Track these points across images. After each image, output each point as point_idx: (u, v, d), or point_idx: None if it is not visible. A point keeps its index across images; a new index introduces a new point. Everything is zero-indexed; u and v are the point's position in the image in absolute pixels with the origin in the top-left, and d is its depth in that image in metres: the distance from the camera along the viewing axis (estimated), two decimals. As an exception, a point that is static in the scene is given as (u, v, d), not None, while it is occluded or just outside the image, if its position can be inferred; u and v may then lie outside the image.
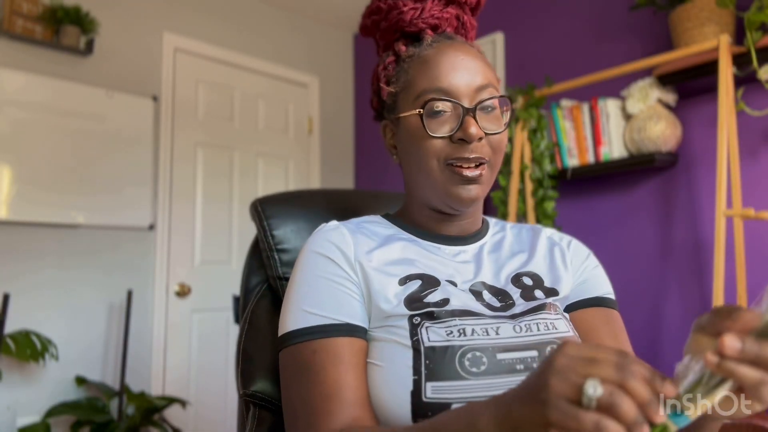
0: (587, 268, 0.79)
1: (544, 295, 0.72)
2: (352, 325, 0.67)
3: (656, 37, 2.04)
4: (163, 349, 2.58)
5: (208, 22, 2.86)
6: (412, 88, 0.73)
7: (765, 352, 0.40)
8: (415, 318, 0.65)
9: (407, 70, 0.74)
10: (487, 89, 0.71)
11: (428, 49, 0.73)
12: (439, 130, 0.69)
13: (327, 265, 0.70)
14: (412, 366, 0.61)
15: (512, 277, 0.74)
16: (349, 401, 0.62)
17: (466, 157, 0.69)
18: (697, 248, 1.89)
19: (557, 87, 2.08)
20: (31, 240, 2.25)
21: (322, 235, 0.74)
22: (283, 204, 0.95)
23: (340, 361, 0.64)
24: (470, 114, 0.68)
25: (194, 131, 2.77)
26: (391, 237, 0.77)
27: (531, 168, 2.20)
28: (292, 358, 0.66)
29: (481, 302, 0.69)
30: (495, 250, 0.80)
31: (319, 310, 0.67)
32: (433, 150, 0.70)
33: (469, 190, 0.70)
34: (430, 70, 0.71)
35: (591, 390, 0.39)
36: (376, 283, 0.68)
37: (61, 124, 2.33)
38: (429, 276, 0.71)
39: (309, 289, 0.69)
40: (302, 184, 3.16)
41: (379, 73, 0.80)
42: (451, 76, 0.70)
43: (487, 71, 0.72)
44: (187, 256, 2.69)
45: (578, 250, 0.82)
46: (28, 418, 2.16)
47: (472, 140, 0.68)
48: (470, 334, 0.63)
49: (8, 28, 2.19)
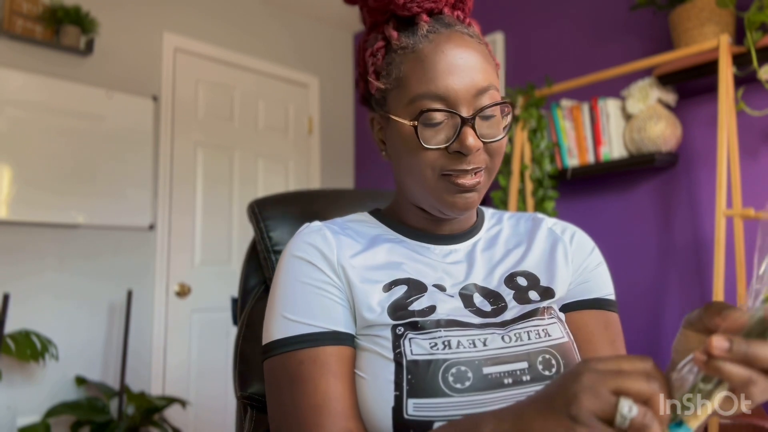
0: (589, 267, 0.75)
1: (539, 297, 0.69)
2: (338, 332, 0.64)
3: (656, 37, 2.04)
4: (163, 349, 2.58)
5: (208, 22, 2.86)
6: (404, 88, 0.66)
7: (753, 351, 0.40)
8: (399, 328, 0.62)
9: (399, 64, 0.67)
10: (488, 92, 0.65)
11: (423, 41, 0.65)
12: (433, 139, 0.64)
13: (309, 270, 0.67)
14: (393, 381, 0.59)
15: (506, 278, 0.71)
16: (338, 413, 0.59)
17: (463, 169, 0.64)
18: (697, 248, 1.89)
19: (557, 87, 2.08)
20: (31, 240, 2.25)
21: (302, 237, 0.70)
22: (280, 205, 0.95)
23: (328, 371, 0.61)
24: (468, 124, 0.63)
25: (194, 131, 2.77)
26: (378, 238, 0.74)
27: (531, 168, 2.20)
28: (278, 368, 0.63)
29: (470, 308, 0.66)
30: (489, 247, 0.75)
31: (303, 318, 0.64)
32: (428, 161, 0.64)
33: (465, 198, 0.66)
34: (426, 71, 0.64)
35: (626, 410, 0.39)
36: (359, 290, 0.65)
37: (61, 124, 2.33)
38: (415, 281, 0.68)
39: (292, 296, 0.66)
40: (302, 184, 3.16)
41: (367, 60, 0.71)
42: (449, 79, 0.63)
43: (487, 68, 0.66)
44: (187, 256, 2.69)
45: (581, 245, 0.76)
46: (28, 418, 2.17)
47: (470, 152, 0.63)
48: (455, 347, 0.60)
49: (8, 28, 2.19)
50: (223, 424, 2.71)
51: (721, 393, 0.42)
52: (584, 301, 0.73)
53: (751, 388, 0.41)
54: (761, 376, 0.40)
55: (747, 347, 0.40)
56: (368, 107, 0.76)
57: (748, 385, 0.41)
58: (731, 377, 0.40)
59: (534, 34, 2.46)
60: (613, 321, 0.74)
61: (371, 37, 0.73)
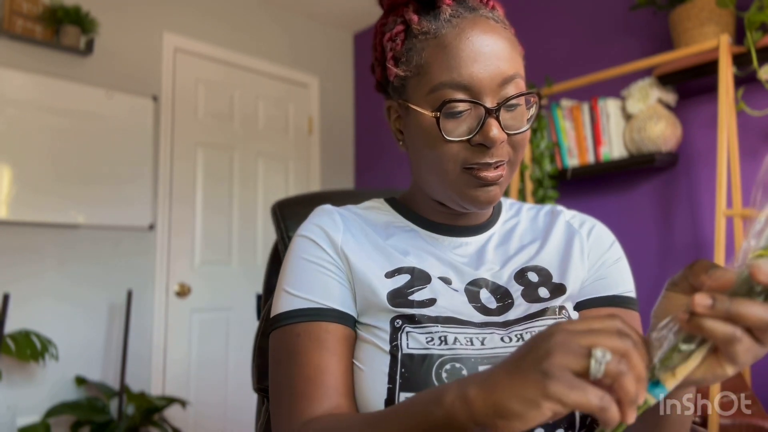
0: (607, 262, 0.71)
1: (549, 294, 0.66)
2: (337, 311, 0.64)
3: (656, 37, 2.04)
4: (163, 349, 2.58)
5: (208, 22, 2.86)
6: (425, 76, 0.62)
7: (736, 308, 0.38)
8: (397, 321, 0.62)
9: (420, 51, 0.63)
10: (513, 81, 0.61)
11: (446, 26, 0.62)
12: (456, 131, 0.61)
13: (312, 248, 0.67)
14: (387, 373, 0.59)
15: (516, 273, 0.68)
16: (330, 387, 0.59)
17: (486, 162, 0.62)
18: (697, 248, 1.89)
19: (557, 87, 2.08)
20: (31, 240, 2.25)
21: (312, 219, 0.72)
22: (301, 206, 0.96)
23: (324, 346, 0.61)
24: (493, 115, 0.60)
25: (194, 131, 2.77)
26: (388, 225, 0.73)
27: (531, 168, 2.20)
28: (278, 341, 0.64)
29: (474, 304, 0.64)
30: (503, 242, 0.73)
31: (304, 293, 0.64)
32: (450, 154, 0.62)
33: (487, 191, 0.63)
34: (449, 59, 0.60)
35: (600, 355, 0.38)
36: (361, 273, 0.65)
37: (61, 124, 2.33)
38: (420, 271, 0.66)
39: (295, 273, 0.67)
40: (302, 184, 3.16)
41: (385, 45, 0.67)
42: (473, 67, 0.59)
43: (513, 56, 0.63)
44: (187, 256, 2.69)
45: (600, 240, 0.73)
46: (28, 418, 2.16)
47: (494, 145, 0.60)
48: (452, 343, 0.59)
49: (8, 28, 2.19)
50: (223, 424, 2.71)
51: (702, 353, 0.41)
52: (600, 299, 0.69)
53: (734, 347, 0.39)
54: (745, 334, 0.39)
55: (730, 304, 0.38)
56: (384, 94, 0.73)
57: (731, 343, 0.39)
58: (714, 334, 0.39)
59: (534, 34, 2.46)
60: (631, 319, 0.70)
61: (390, 20, 0.69)
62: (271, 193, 2.98)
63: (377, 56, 0.71)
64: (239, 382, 2.77)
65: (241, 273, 2.85)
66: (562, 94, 2.25)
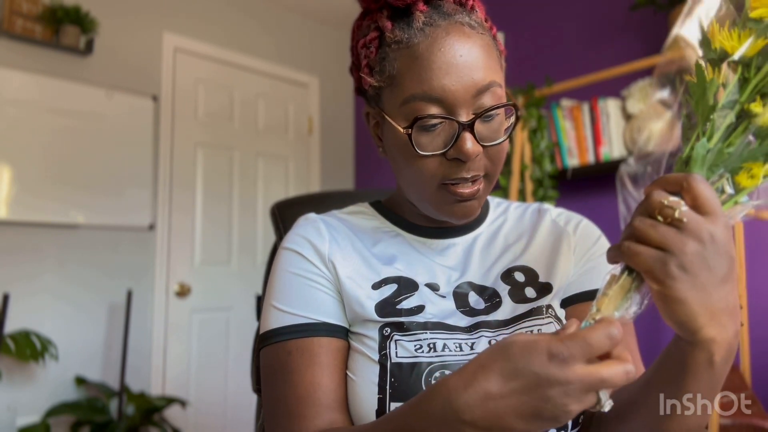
0: (593, 255, 0.70)
1: (536, 293, 0.65)
2: (328, 324, 0.63)
3: (656, 37, 2.04)
4: (163, 349, 2.58)
5: (208, 22, 2.86)
6: (398, 87, 0.60)
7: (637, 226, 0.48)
8: (386, 329, 0.61)
9: (393, 60, 0.61)
10: (489, 91, 0.59)
11: (419, 36, 0.59)
12: (431, 145, 0.59)
13: (299, 261, 0.66)
14: (377, 383, 0.58)
15: (503, 273, 0.68)
16: (324, 404, 0.59)
17: (462, 177, 0.60)
18: (697, 248, 1.89)
19: (557, 87, 2.08)
20: (31, 240, 2.25)
21: (296, 230, 0.70)
22: (300, 207, 0.96)
23: (316, 362, 0.61)
24: (467, 129, 0.58)
25: (194, 131, 2.77)
26: (374, 231, 0.72)
27: (531, 168, 2.20)
28: (270, 359, 0.63)
29: (463, 308, 0.64)
30: (489, 242, 0.72)
31: (293, 308, 0.64)
32: (426, 169, 0.60)
33: (464, 207, 0.63)
34: (420, 71, 0.58)
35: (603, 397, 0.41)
36: (349, 285, 0.64)
37: (61, 124, 2.33)
38: (407, 279, 0.66)
39: (283, 287, 0.65)
40: (302, 184, 3.16)
41: (360, 52, 0.65)
42: (444, 79, 0.57)
43: (489, 63, 0.60)
44: (187, 256, 2.69)
45: (586, 234, 0.72)
46: (28, 418, 2.16)
47: (469, 158, 0.58)
48: (441, 350, 0.59)
49: (8, 27, 2.19)
50: (222, 424, 2.71)
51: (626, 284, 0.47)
52: (587, 293, 0.67)
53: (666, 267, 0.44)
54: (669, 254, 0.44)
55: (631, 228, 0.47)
56: (363, 98, 0.71)
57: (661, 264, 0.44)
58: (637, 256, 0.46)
59: (534, 33, 2.46)
60: None
61: (364, 24, 0.66)
62: (270, 193, 2.98)
63: (354, 61, 0.69)
64: (239, 382, 2.77)
65: (241, 273, 2.85)
66: (562, 94, 2.25)
